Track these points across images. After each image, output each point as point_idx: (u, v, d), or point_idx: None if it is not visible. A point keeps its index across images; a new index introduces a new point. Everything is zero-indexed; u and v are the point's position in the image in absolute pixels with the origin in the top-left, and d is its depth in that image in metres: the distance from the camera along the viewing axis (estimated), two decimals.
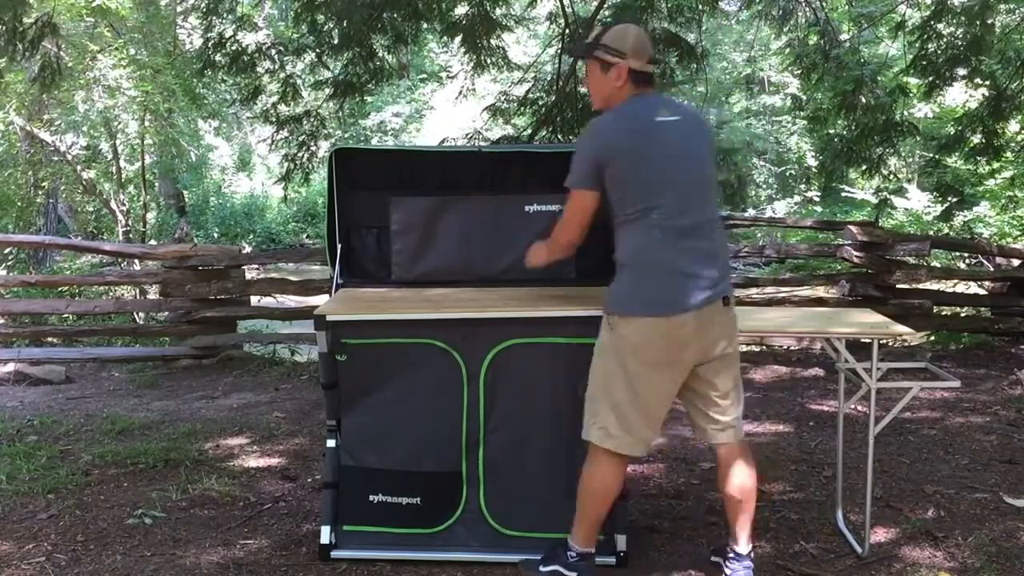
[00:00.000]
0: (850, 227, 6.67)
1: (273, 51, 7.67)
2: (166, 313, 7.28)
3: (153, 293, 9.71)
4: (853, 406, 4.75)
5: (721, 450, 2.77)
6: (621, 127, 2.64)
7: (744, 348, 6.77)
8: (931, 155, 8.51)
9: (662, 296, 2.55)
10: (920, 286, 6.78)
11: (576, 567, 2.73)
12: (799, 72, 9.04)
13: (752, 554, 2.80)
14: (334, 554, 3.02)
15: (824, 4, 8.24)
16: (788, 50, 9.45)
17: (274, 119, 8.09)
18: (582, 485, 2.71)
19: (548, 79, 8.55)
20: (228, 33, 7.47)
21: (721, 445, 2.76)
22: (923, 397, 5.10)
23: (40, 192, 13.35)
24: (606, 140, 2.63)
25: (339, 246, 3.36)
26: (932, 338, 7.07)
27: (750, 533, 2.81)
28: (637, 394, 2.60)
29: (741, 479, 2.75)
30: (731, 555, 2.80)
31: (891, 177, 9.17)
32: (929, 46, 7.34)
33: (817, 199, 18.03)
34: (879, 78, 8.09)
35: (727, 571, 2.79)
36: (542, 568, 2.78)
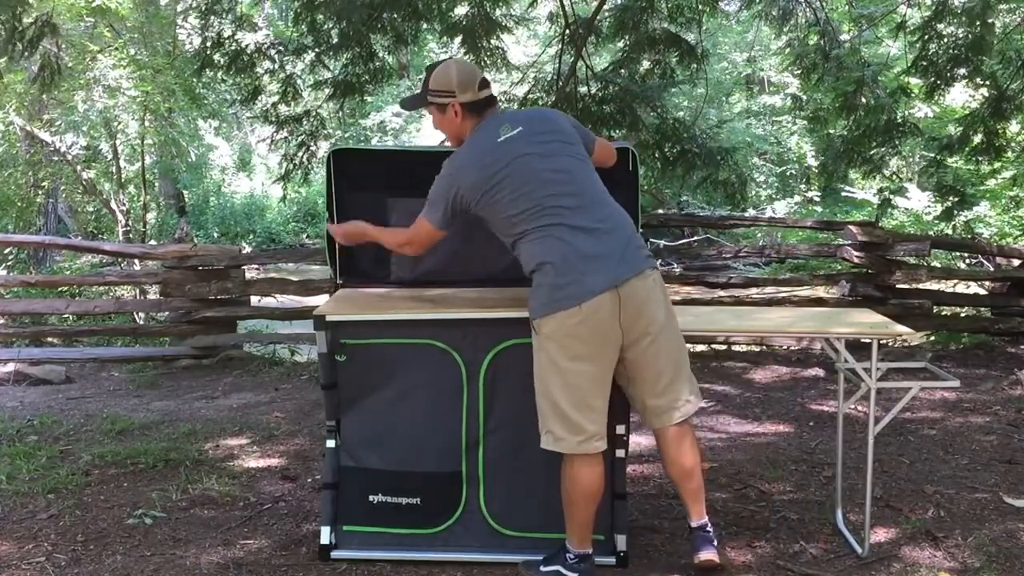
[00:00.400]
0: (850, 227, 6.67)
1: (273, 51, 7.66)
2: (166, 313, 7.28)
3: (153, 293, 9.70)
4: (853, 406, 4.75)
5: (658, 433, 2.83)
6: (471, 163, 2.75)
7: (744, 348, 6.77)
8: (932, 155, 8.49)
9: (569, 289, 2.60)
10: (920, 286, 6.78)
11: (576, 568, 2.75)
12: (799, 72, 9.04)
13: (708, 526, 2.83)
14: (334, 554, 3.02)
15: (824, 4, 8.24)
16: (788, 50, 9.44)
17: (274, 119, 8.09)
18: (563, 491, 2.76)
19: (548, 79, 8.55)
20: (227, 33, 7.47)
21: (659, 428, 2.81)
22: (923, 397, 5.10)
23: (40, 192, 13.35)
24: (463, 185, 2.74)
25: (338, 247, 3.36)
26: (932, 338, 7.07)
27: (701, 508, 2.84)
28: (573, 390, 2.64)
29: (681, 460, 2.81)
30: (689, 531, 2.86)
31: (893, 178, 9.18)
32: (930, 46, 7.34)
33: (817, 199, 18.00)
34: (880, 78, 8.09)
35: (692, 547, 2.83)
36: (543, 568, 2.80)
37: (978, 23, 7.00)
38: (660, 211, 12.73)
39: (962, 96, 10.62)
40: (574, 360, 2.62)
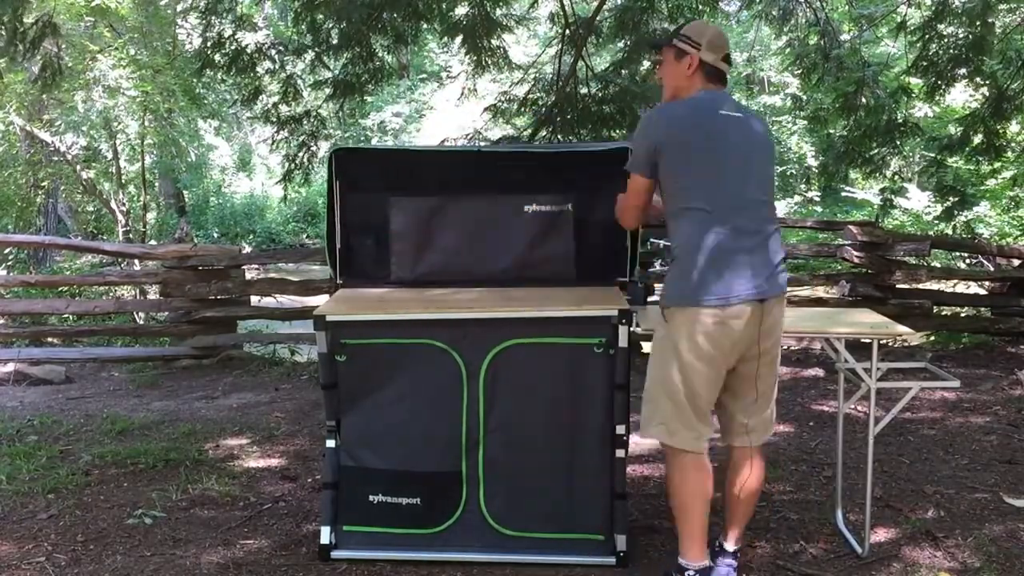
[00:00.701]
0: (850, 227, 6.66)
1: (273, 51, 7.66)
2: (166, 313, 7.28)
3: (153, 293, 9.71)
4: (853, 406, 4.75)
5: (736, 452, 2.75)
6: (678, 116, 2.64)
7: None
8: (933, 155, 8.50)
9: (716, 287, 2.52)
10: (920, 286, 6.78)
11: None
12: (799, 72, 9.04)
13: (738, 554, 2.81)
14: (334, 554, 3.02)
15: (824, 4, 8.24)
16: (788, 50, 9.45)
17: (274, 119, 8.09)
18: (671, 497, 2.67)
19: (548, 79, 8.55)
20: (227, 33, 7.47)
21: (738, 448, 2.74)
22: (923, 397, 5.10)
23: (40, 192, 13.36)
24: (661, 130, 2.63)
25: (339, 247, 3.36)
26: (932, 338, 7.07)
27: (741, 534, 2.81)
28: (691, 386, 2.57)
29: (750, 483, 2.74)
30: (717, 549, 2.80)
31: (894, 178, 9.18)
32: (931, 46, 7.34)
33: (817, 199, 18.02)
34: (880, 79, 8.09)
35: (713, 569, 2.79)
36: None
37: (978, 23, 7.01)
38: None
39: (962, 96, 10.63)
40: (699, 359, 2.55)
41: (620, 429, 2.93)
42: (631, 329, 2.88)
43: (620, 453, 2.95)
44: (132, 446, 4.38)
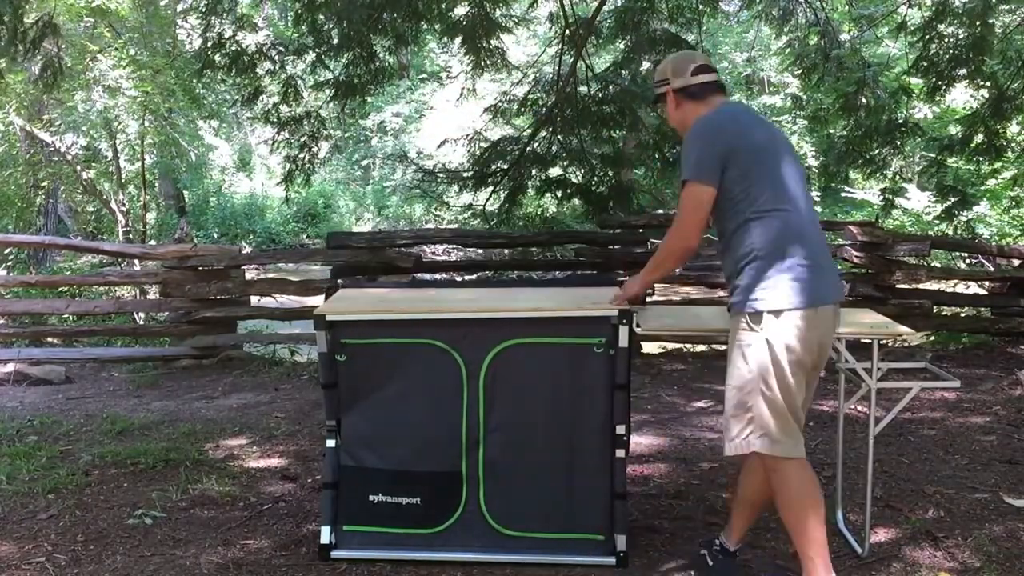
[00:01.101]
0: (850, 227, 6.66)
1: (273, 52, 7.67)
2: (166, 313, 7.28)
3: (153, 293, 9.71)
4: (853, 406, 4.75)
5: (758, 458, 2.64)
6: (734, 119, 2.62)
7: None
8: (933, 155, 8.51)
9: (811, 289, 2.46)
10: (920, 286, 6.77)
11: None
12: (799, 72, 9.05)
13: (737, 555, 2.82)
14: (334, 554, 3.02)
15: (824, 4, 8.24)
16: (788, 50, 9.45)
17: (275, 120, 8.10)
18: (785, 511, 2.57)
19: (548, 79, 8.55)
20: (228, 33, 7.48)
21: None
22: (923, 397, 5.09)
23: (40, 192, 13.36)
24: (728, 134, 2.56)
25: None
26: (932, 338, 7.07)
27: (744, 536, 2.83)
28: (787, 392, 2.50)
29: (766, 488, 2.67)
30: (717, 548, 2.82)
31: (895, 178, 9.19)
32: (931, 47, 7.34)
33: (817, 199, 18.03)
34: (880, 79, 8.10)
35: (709, 562, 2.82)
36: None
37: (978, 23, 7.01)
38: (660, 211, 12.71)
39: (962, 96, 10.63)
40: (796, 363, 2.48)
41: (620, 429, 2.93)
42: (633, 328, 2.88)
43: (620, 453, 2.95)
44: (132, 446, 4.38)
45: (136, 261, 9.61)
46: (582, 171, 8.32)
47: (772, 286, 2.47)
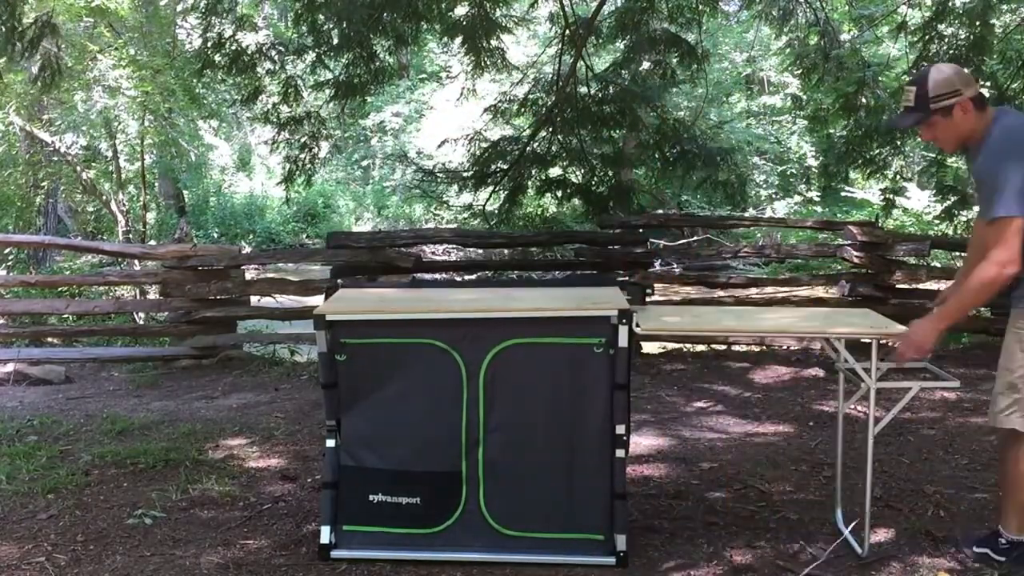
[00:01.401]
0: (850, 227, 6.66)
1: (273, 52, 7.67)
2: (166, 313, 7.28)
3: (153, 293, 9.70)
4: (853, 406, 4.75)
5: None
6: None
7: (744, 348, 6.77)
8: (933, 155, 8.51)
9: None
10: (920, 286, 6.77)
11: (1006, 553, 2.83)
12: (799, 73, 9.06)
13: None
14: (334, 554, 3.02)
15: (824, 4, 8.25)
16: (788, 50, 9.46)
17: (275, 120, 8.10)
18: (1011, 473, 2.83)
19: (548, 80, 8.56)
20: (228, 33, 7.48)
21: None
22: (923, 397, 5.09)
23: (40, 192, 13.35)
24: None
25: None
26: None
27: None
28: None
29: None
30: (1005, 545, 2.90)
31: (896, 178, 9.19)
32: (931, 47, 7.34)
33: (817, 199, 18.03)
34: (881, 79, 8.10)
35: (999, 558, 2.88)
36: (975, 549, 2.89)
37: (978, 23, 7.01)
38: (660, 211, 12.73)
39: None
40: None
41: (620, 429, 2.93)
42: (633, 328, 2.88)
43: (620, 453, 2.95)
44: (132, 446, 4.38)
45: (136, 261, 9.60)
46: (582, 171, 8.32)
47: None
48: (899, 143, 7.78)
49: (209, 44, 7.45)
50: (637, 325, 2.90)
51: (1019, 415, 2.77)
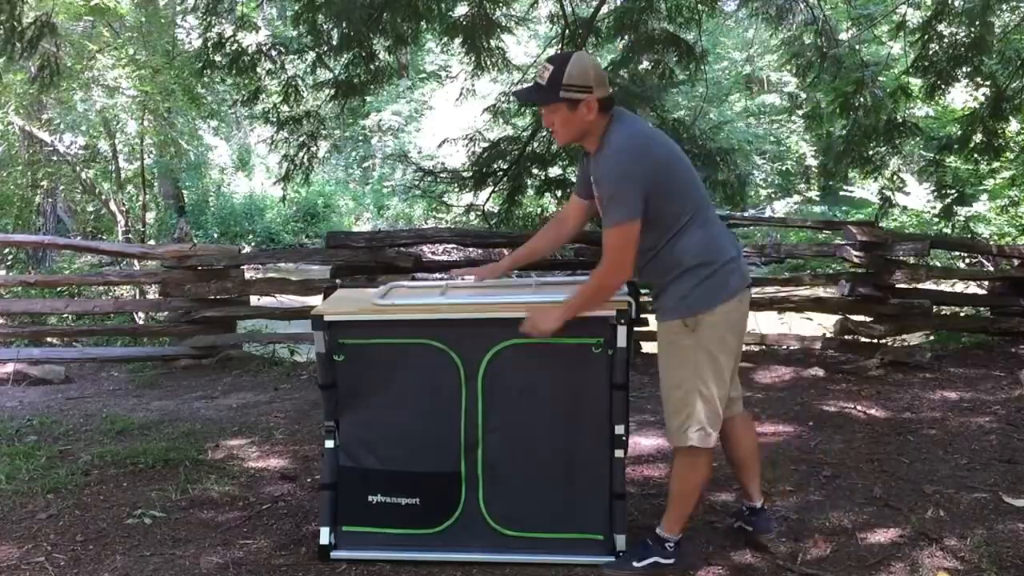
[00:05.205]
0: (850, 227, 6.65)
1: (273, 52, 7.66)
2: (165, 313, 7.28)
3: (153, 293, 9.71)
4: (853, 406, 4.75)
5: (736, 419, 2.98)
6: (652, 142, 2.72)
7: (744, 348, 6.77)
8: (932, 155, 8.51)
9: (734, 278, 2.72)
10: (920, 286, 6.76)
11: (674, 554, 2.88)
12: (794, 71, 9.05)
13: (766, 506, 3.09)
14: (334, 554, 3.02)
15: (822, 3, 8.24)
16: (784, 48, 9.45)
17: (275, 119, 8.09)
18: (678, 487, 2.87)
19: None
20: (227, 33, 7.47)
21: (736, 415, 2.98)
22: (923, 397, 5.09)
23: (39, 192, 13.35)
24: (653, 160, 2.67)
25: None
26: (932, 338, 7.06)
27: (759, 488, 3.07)
28: (721, 385, 2.75)
29: (749, 442, 3.03)
30: (747, 512, 3.05)
31: (894, 178, 9.19)
32: (930, 46, 7.33)
33: (817, 199, 18.03)
34: (880, 79, 8.09)
35: (749, 529, 3.07)
36: (637, 564, 2.88)
37: (978, 23, 7.00)
38: None
39: (962, 96, 10.63)
40: (726, 353, 2.73)
41: (619, 429, 2.93)
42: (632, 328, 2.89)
43: (619, 453, 2.95)
44: (132, 446, 4.38)
45: (136, 261, 9.61)
46: None
47: (708, 286, 2.69)
48: (897, 143, 7.77)
49: (209, 44, 7.45)
50: (635, 319, 2.94)
51: (695, 430, 2.75)
